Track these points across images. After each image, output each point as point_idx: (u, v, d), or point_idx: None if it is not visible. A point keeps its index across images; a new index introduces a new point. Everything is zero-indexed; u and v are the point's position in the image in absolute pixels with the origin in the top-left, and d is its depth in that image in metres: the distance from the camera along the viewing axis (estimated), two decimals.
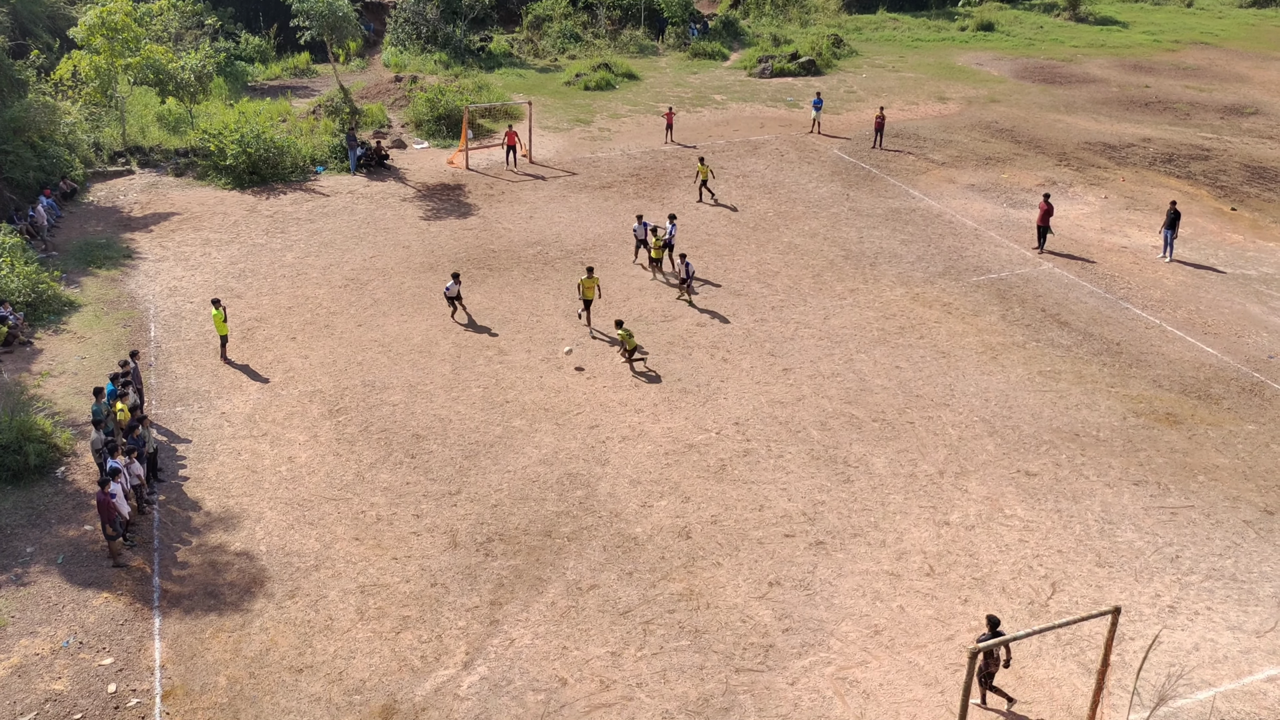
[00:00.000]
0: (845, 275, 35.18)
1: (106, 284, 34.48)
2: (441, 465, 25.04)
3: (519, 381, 28.64)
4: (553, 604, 20.72)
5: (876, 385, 28.44)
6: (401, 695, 18.59)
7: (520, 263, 36.20)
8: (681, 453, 25.49)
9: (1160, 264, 36.23)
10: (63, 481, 24.49)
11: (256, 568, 21.78)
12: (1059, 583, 21.23)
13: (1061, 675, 18.95)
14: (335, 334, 31.30)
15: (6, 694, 18.62)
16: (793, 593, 20.98)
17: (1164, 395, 28.02)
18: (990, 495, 23.91)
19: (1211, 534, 22.66)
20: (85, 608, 20.71)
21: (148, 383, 28.44)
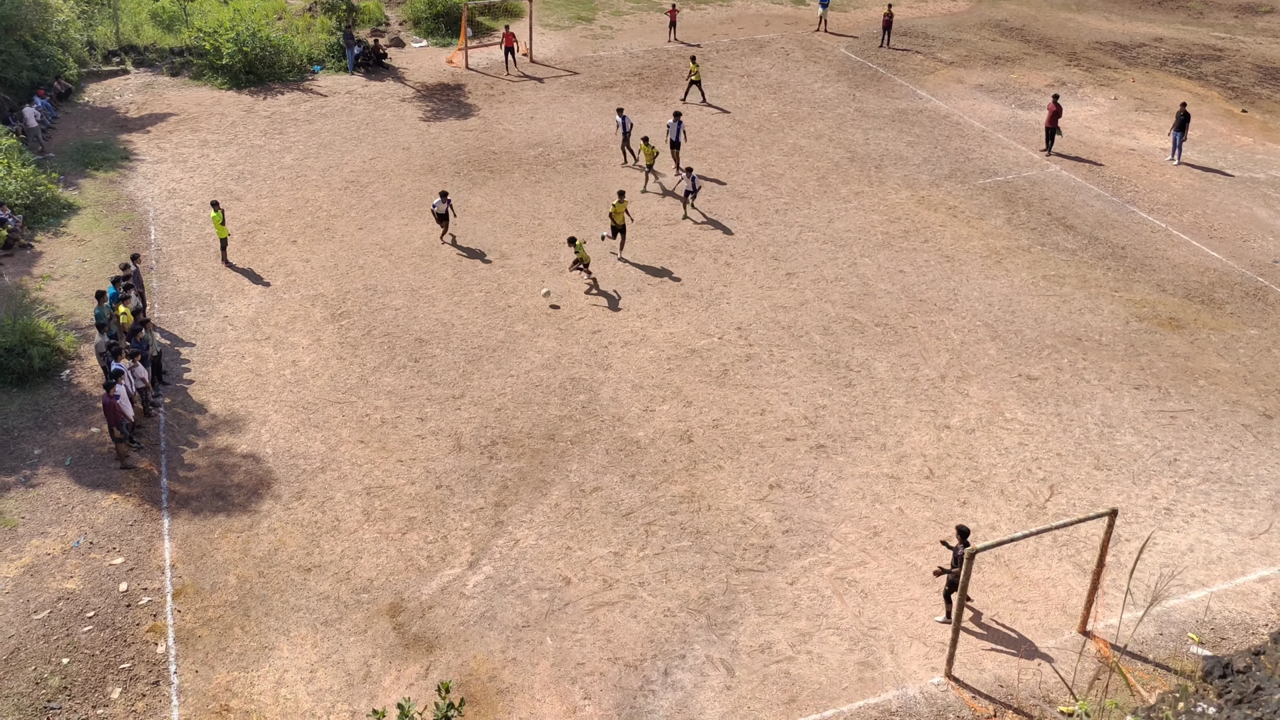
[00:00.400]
0: (850, 178, 34.83)
1: (105, 186, 34.19)
2: (445, 369, 25.12)
3: (521, 286, 28.57)
4: (556, 506, 20.98)
5: (880, 290, 28.37)
6: (408, 594, 18.93)
7: (521, 165, 35.83)
8: (684, 358, 25.55)
9: (1168, 167, 35.82)
10: (68, 385, 24.61)
11: (263, 470, 22.00)
12: (1057, 485, 21.45)
13: (1057, 575, 19.26)
14: (336, 237, 31.13)
15: (20, 593, 18.97)
16: (793, 495, 21.22)
17: (1167, 299, 27.95)
18: (991, 399, 24.02)
19: (1210, 437, 22.81)
20: (94, 509, 20.98)
21: (149, 286, 28.39)
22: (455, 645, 17.87)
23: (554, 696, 16.93)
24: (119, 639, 18.07)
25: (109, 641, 18.02)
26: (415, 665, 17.50)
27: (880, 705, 16.79)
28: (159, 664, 17.63)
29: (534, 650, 17.77)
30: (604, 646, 17.82)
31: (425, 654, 17.71)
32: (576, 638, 18.00)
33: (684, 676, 17.28)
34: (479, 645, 17.86)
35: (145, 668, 17.54)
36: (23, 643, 17.94)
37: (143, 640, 18.07)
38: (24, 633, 18.14)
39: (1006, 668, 17.40)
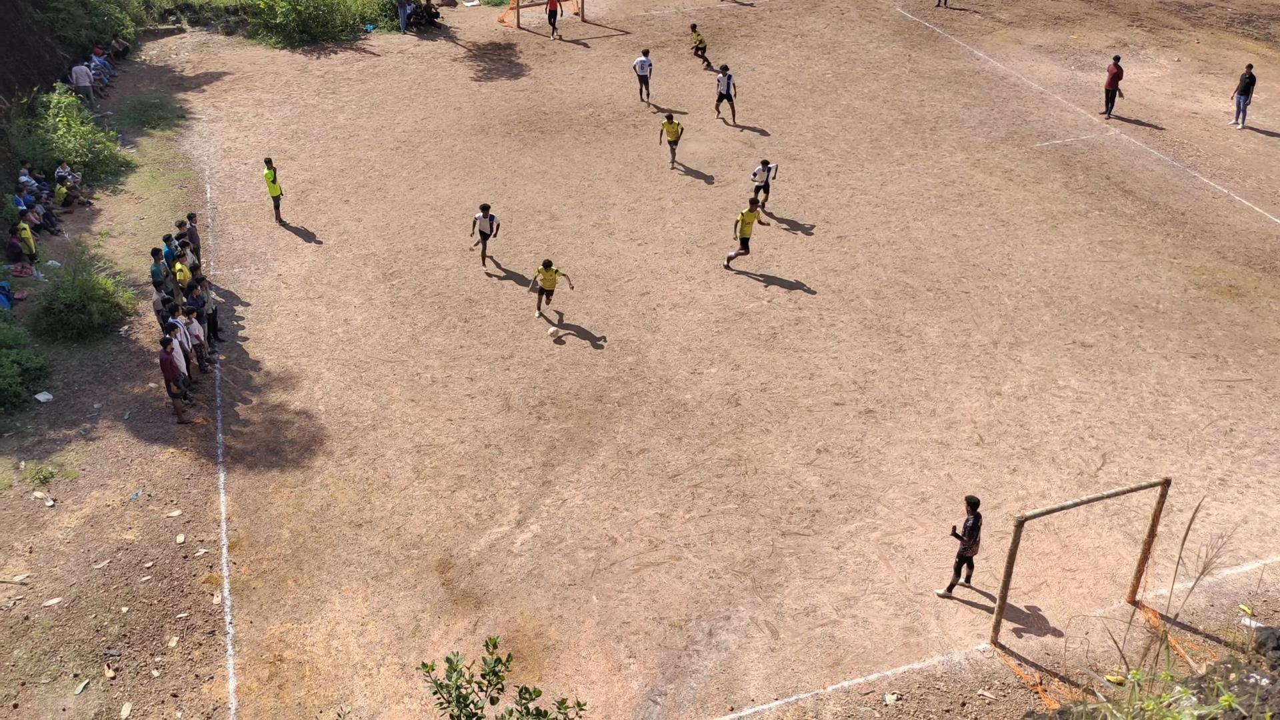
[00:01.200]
0: (904, 140, 34.36)
1: (162, 144, 34.60)
2: (494, 330, 25.26)
3: (570, 247, 28.59)
4: (603, 466, 21.09)
5: (932, 254, 28.05)
6: (457, 550, 19.18)
7: (572, 125, 35.73)
8: (732, 320, 25.47)
9: (1232, 131, 34.95)
10: (126, 340, 25.07)
11: (316, 426, 22.32)
12: (1109, 454, 21.19)
13: (1107, 545, 19.08)
14: (388, 197, 31.31)
15: (81, 543, 19.46)
16: (841, 460, 21.16)
17: (1227, 267, 27.37)
18: (1044, 366, 23.73)
19: (1268, 408, 22.40)
20: (152, 462, 21.42)
21: (205, 244, 28.77)
22: (503, 602, 18.09)
23: (599, 654, 17.11)
24: (176, 589, 18.50)
25: (166, 591, 18.46)
26: (463, 621, 17.75)
27: (925, 670, 16.80)
28: (215, 614, 18.04)
29: (580, 608, 17.95)
30: (649, 606, 17.96)
31: (473, 610, 17.96)
32: (622, 597, 18.15)
33: (728, 638, 17.38)
34: (526, 602, 18.07)
35: (202, 617, 17.95)
36: (83, 591, 18.43)
37: (199, 591, 18.49)
38: (84, 581, 18.63)
39: (1054, 636, 17.31)
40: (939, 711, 16.12)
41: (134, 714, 16.29)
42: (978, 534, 17.26)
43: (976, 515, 17.16)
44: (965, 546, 17.42)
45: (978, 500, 17.29)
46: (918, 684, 16.58)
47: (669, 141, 32.49)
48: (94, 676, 16.91)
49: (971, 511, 17.22)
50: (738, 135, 34.73)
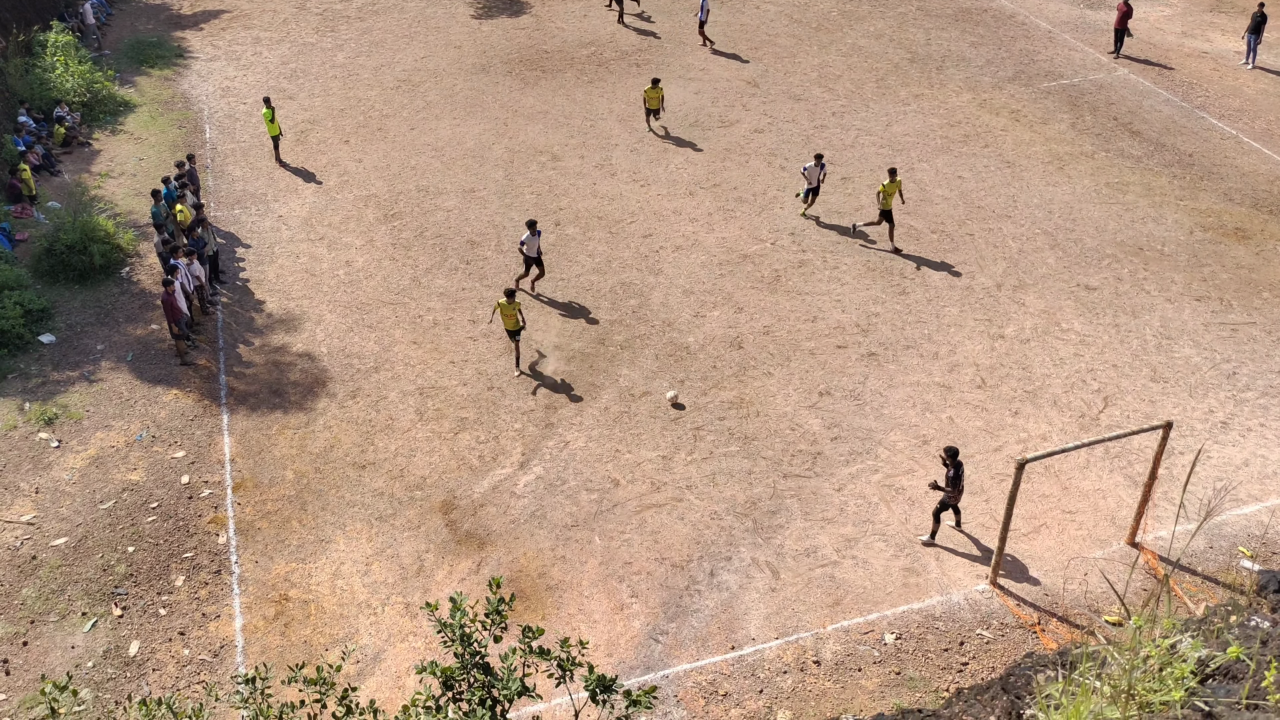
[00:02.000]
0: (910, 79, 33.98)
1: (160, 84, 34.27)
2: (496, 272, 25.17)
3: (572, 189, 28.41)
4: (606, 409, 21.13)
5: (937, 195, 27.86)
6: (460, 492, 19.28)
7: (574, 64, 35.33)
8: (735, 263, 25.37)
9: (1242, 71, 34.52)
10: (128, 282, 25.02)
11: (318, 368, 22.34)
12: (1112, 397, 21.20)
13: (1108, 487, 19.16)
14: (388, 137, 31.06)
15: (87, 483, 19.58)
16: (843, 402, 21.19)
17: (1234, 209, 27.18)
18: (1048, 309, 23.67)
19: (1272, 351, 22.36)
20: (156, 403, 21.48)
21: (205, 185, 28.60)
22: (506, 542, 18.23)
23: (602, 594, 17.27)
24: (182, 529, 18.64)
25: (172, 531, 18.60)
26: (467, 561, 17.90)
27: (924, 610, 16.95)
28: (220, 554, 18.19)
29: (583, 549, 18.08)
30: (651, 547, 18.09)
31: (477, 550, 18.09)
32: (624, 538, 18.27)
33: (729, 578, 17.52)
34: (529, 543, 18.21)
35: (207, 557, 18.11)
36: (90, 531, 18.57)
37: (204, 531, 18.62)
38: (91, 521, 18.76)
39: (1053, 577, 17.44)
40: (937, 650, 16.29)
41: (142, 651, 16.50)
42: (960, 483, 17.30)
43: (957, 465, 17.16)
44: (949, 495, 17.44)
45: (957, 450, 17.27)
46: (917, 624, 16.74)
47: (649, 110, 30.46)
48: (102, 615, 17.09)
49: (952, 462, 17.22)
50: (741, 74, 34.35)
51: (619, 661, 16.19)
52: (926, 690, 15.68)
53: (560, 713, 15.01)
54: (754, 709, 15.44)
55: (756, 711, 15.40)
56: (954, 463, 17.20)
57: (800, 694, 15.66)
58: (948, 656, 16.21)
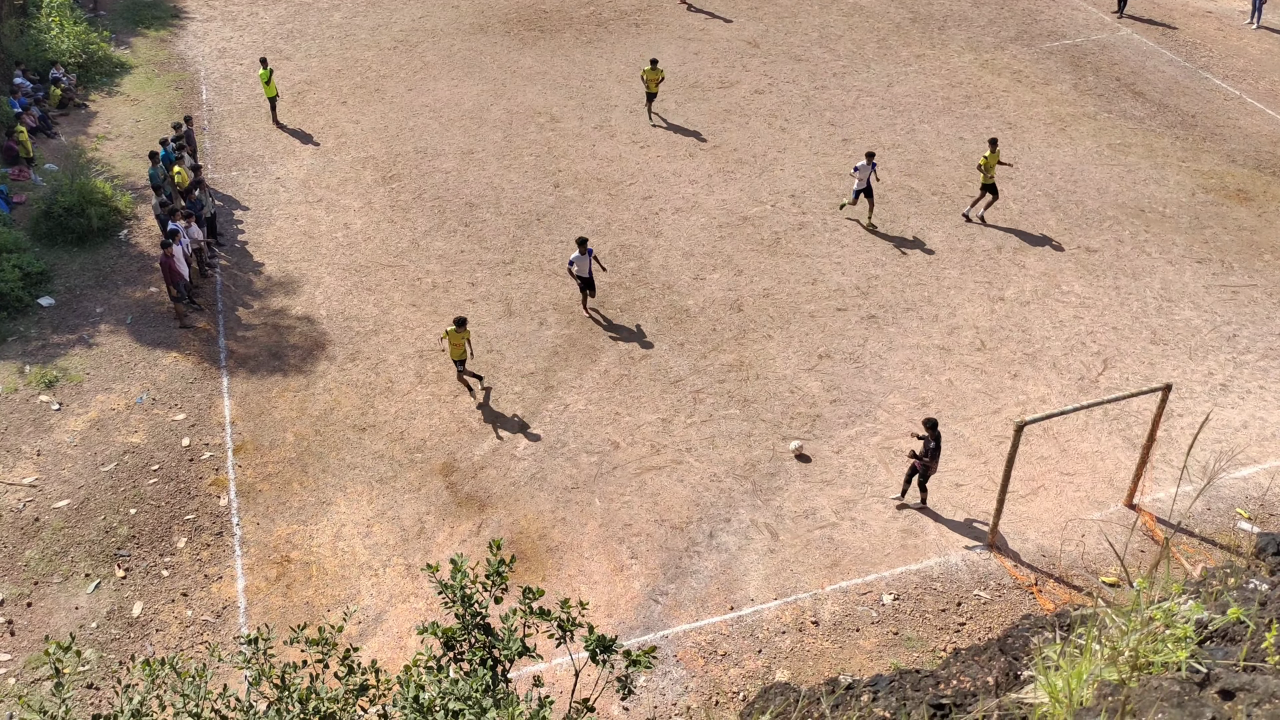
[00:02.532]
0: (912, 40, 33.70)
1: (156, 45, 33.99)
2: (495, 234, 25.10)
3: (571, 150, 28.25)
4: (605, 372, 21.13)
5: (938, 157, 27.71)
6: (461, 454, 19.33)
7: (573, 24, 35.03)
8: (735, 225, 25.28)
9: (1247, 31, 34.24)
10: (126, 244, 24.94)
11: (318, 331, 22.32)
12: (1111, 359, 21.20)
13: (1106, 449, 19.20)
14: (386, 98, 30.85)
15: (88, 445, 19.61)
16: (842, 365, 21.19)
17: (1237, 171, 27.05)
18: (1048, 271, 23.62)
19: (1272, 313, 22.34)
20: (156, 366, 21.48)
21: (202, 147, 28.44)
22: (506, 505, 18.29)
23: (602, 555, 17.35)
24: (183, 491, 18.70)
25: (174, 494, 18.65)
26: (468, 523, 17.97)
27: (922, 571, 17.04)
28: (222, 516, 18.26)
29: (583, 511, 18.15)
30: (651, 509, 18.16)
31: (477, 512, 18.16)
32: (624, 500, 18.34)
33: (729, 539, 17.60)
34: (529, 505, 18.27)
35: (209, 519, 18.18)
36: (92, 493, 18.63)
37: (206, 493, 18.68)
38: (93, 484, 18.82)
39: (1050, 538, 17.52)
40: (935, 611, 16.40)
41: (145, 612, 16.60)
42: (939, 454, 17.32)
43: (937, 436, 17.15)
44: (926, 466, 17.46)
45: (936, 421, 17.25)
46: (914, 584, 16.84)
47: (648, 93, 28.88)
48: (105, 576, 17.19)
49: (931, 433, 17.21)
50: (741, 35, 34.07)
51: (619, 622, 16.30)
52: (924, 651, 15.80)
53: (560, 672, 15.13)
54: (753, 669, 15.57)
55: (755, 671, 15.53)
56: (934, 434, 17.19)
57: (799, 654, 15.78)
58: (945, 617, 16.32)
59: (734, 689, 15.29)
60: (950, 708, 8.38)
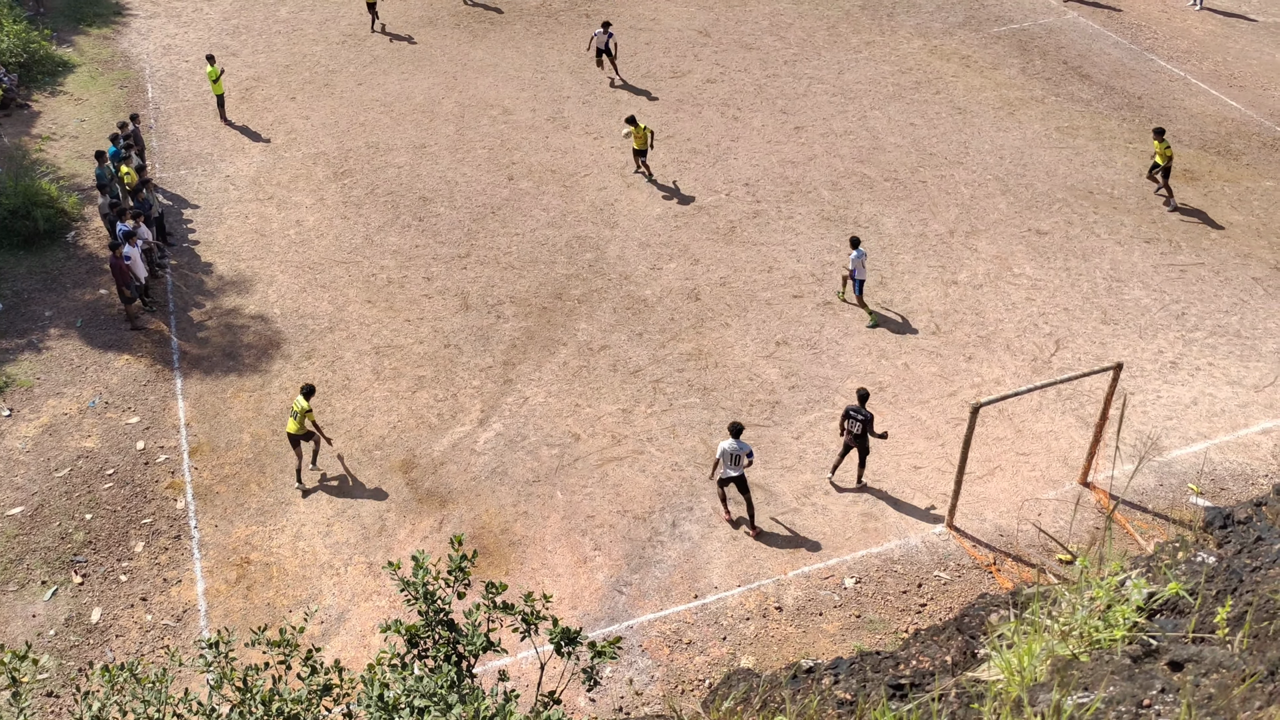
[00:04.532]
0: (861, 27, 33.89)
1: (99, 43, 33.45)
2: (450, 228, 24.98)
3: (524, 142, 28.16)
4: (564, 364, 21.13)
5: (890, 143, 27.92)
6: (420, 450, 19.25)
7: (523, 15, 34.87)
8: (691, 215, 25.34)
9: (1190, 12, 34.76)
10: (74, 246, 24.57)
11: (272, 330, 22.12)
12: (1063, 340, 21.50)
13: (1060, 429, 19.48)
14: (336, 93, 30.58)
15: (41, 451, 19.33)
16: (799, 351, 21.32)
17: (1182, 151, 27.48)
18: (1000, 254, 23.88)
19: (1219, 291, 22.74)
20: (108, 369, 21.19)
21: (149, 145, 28.05)
22: (467, 500, 18.25)
23: (565, 548, 17.37)
24: (139, 495, 18.48)
25: (130, 498, 18.44)
26: (429, 519, 17.91)
27: (882, 554, 17.22)
28: (179, 519, 18.07)
29: (545, 504, 18.15)
30: (613, 500, 18.19)
31: (438, 508, 18.11)
32: (586, 491, 18.36)
33: (691, 528, 17.68)
34: (491, 500, 18.25)
35: (166, 522, 17.98)
36: (46, 499, 18.37)
37: (162, 496, 18.48)
38: (46, 490, 18.55)
39: (1007, 518, 17.76)
40: (896, 593, 16.58)
41: (104, 618, 16.41)
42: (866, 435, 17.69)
43: (865, 416, 17.47)
44: (849, 443, 17.82)
45: (868, 394, 17.57)
46: (875, 567, 17.01)
47: (635, 150, 26.18)
48: (62, 583, 16.96)
49: (862, 403, 17.51)
50: (692, 24, 34.10)
51: (583, 614, 16.33)
52: (886, 632, 15.97)
53: (526, 666, 15.14)
54: (717, 656, 15.66)
55: (720, 658, 15.63)
56: (863, 405, 17.47)
57: (763, 639, 15.89)
58: (906, 599, 16.50)
59: (699, 677, 15.38)
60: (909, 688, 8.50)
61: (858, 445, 17.76)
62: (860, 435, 17.61)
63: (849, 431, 17.64)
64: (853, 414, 17.52)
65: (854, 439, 17.67)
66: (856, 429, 17.56)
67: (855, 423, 17.51)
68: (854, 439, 17.67)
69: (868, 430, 17.53)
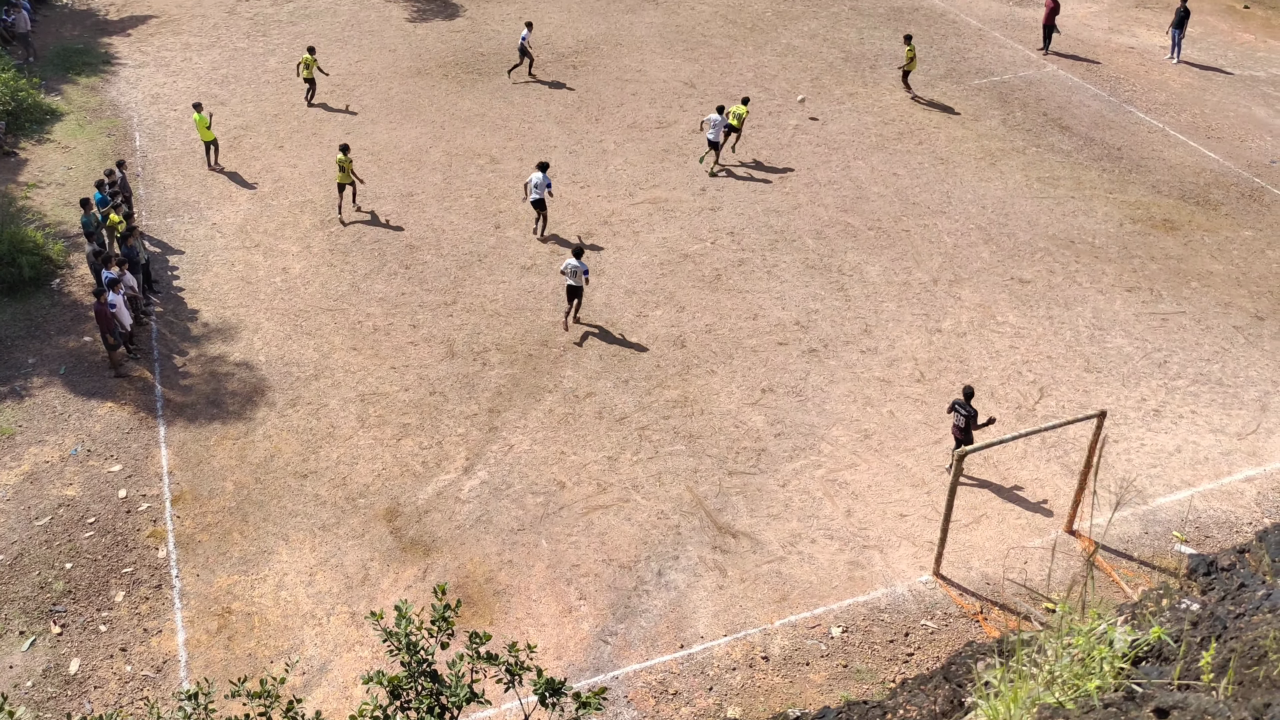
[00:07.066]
0: (844, 78, 34.33)
1: (87, 91, 33.61)
2: (436, 276, 25.04)
3: (511, 191, 28.32)
4: (550, 411, 21.10)
5: (873, 193, 28.18)
6: (405, 498, 19.15)
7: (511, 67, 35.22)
8: (676, 262, 25.47)
9: (1167, 65, 35.35)
10: (59, 293, 24.52)
11: (257, 377, 22.06)
12: (1047, 388, 21.60)
13: (1045, 476, 19.51)
14: (323, 142, 30.74)
15: (21, 500, 19.16)
16: (785, 399, 21.36)
17: (1162, 201, 27.82)
18: (983, 302, 24.05)
19: (1201, 339, 22.92)
20: (90, 417, 21.08)
21: (136, 193, 28.10)
22: (452, 548, 18.14)
23: (550, 597, 17.25)
24: (120, 544, 18.31)
25: (110, 546, 18.26)
26: (413, 568, 17.78)
27: (869, 603, 17.15)
28: (160, 568, 17.89)
29: (529, 553, 18.05)
30: (598, 548, 18.10)
31: (422, 557, 17.99)
32: (571, 540, 18.27)
33: (677, 577, 17.59)
34: (475, 548, 18.14)
35: (147, 572, 17.80)
36: (25, 548, 18.18)
37: (144, 545, 18.31)
38: (26, 538, 18.37)
39: (993, 566, 17.73)
40: (883, 642, 16.49)
41: (82, 669, 16.18)
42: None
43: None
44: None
45: (973, 390, 17.97)
46: (862, 616, 16.93)
47: (731, 129, 28.44)
48: (40, 633, 16.75)
49: (966, 398, 18.52)
50: (677, 75, 34.49)
51: (568, 664, 16.19)
52: (873, 682, 15.87)
53: (510, 717, 14.98)
54: (704, 706, 15.53)
55: (706, 709, 15.49)
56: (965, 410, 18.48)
57: (749, 690, 15.77)
58: (893, 648, 16.41)
59: None
60: None
61: (961, 437, 18.75)
62: (964, 428, 18.65)
63: (955, 424, 18.84)
64: (958, 408, 18.69)
65: (959, 431, 18.78)
66: (961, 423, 18.67)
67: (960, 416, 18.64)
68: (959, 431, 18.78)
69: (971, 425, 18.55)
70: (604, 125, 31.47)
